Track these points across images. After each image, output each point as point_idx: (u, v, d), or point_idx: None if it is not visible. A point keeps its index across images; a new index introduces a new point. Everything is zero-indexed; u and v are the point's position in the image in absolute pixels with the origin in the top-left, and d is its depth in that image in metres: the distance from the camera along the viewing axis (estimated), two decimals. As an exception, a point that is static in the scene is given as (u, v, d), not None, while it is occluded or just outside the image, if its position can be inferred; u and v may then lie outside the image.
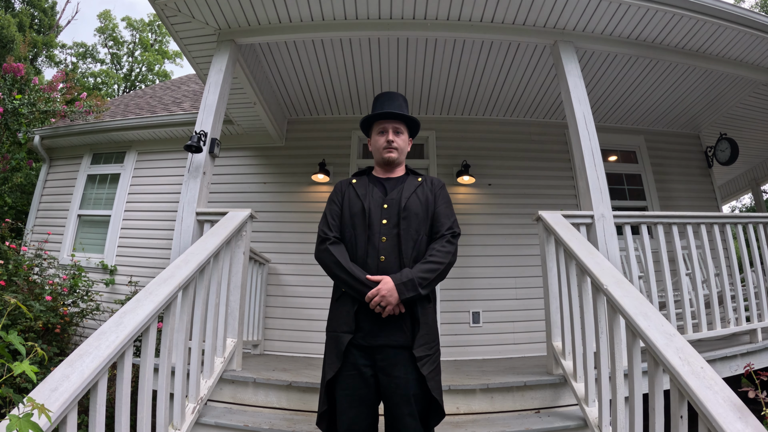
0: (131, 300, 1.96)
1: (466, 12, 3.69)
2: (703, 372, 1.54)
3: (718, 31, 3.92)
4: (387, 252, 1.82)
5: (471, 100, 5.52)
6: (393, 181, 2.03)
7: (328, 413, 1.80)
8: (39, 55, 19.04)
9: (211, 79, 3.68)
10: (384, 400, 1.76)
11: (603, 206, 3.23)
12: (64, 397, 1.43)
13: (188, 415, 2.25)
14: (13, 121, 6.83)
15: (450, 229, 1.90)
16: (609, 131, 5.99)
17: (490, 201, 5.45)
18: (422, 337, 1.75)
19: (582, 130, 3.46)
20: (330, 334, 1.85)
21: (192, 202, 3.27)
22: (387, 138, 2.02)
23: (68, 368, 1.56)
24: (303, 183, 5.54)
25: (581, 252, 2.43)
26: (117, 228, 5.98)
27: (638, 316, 1.85)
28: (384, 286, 1.72)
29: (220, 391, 2.69)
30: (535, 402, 2.65)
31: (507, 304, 5.01)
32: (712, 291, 3.28)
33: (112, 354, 1.66)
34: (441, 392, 1.77)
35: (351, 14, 3.71)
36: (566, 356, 2.73)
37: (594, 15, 3.70)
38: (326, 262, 1.87)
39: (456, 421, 2.46)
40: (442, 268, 1.80)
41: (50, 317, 3.98)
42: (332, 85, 5.16)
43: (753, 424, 1.33)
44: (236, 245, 3.00)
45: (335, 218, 1.95)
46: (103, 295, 5.43)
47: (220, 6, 3.61)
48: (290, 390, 2.63)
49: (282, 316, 4.97)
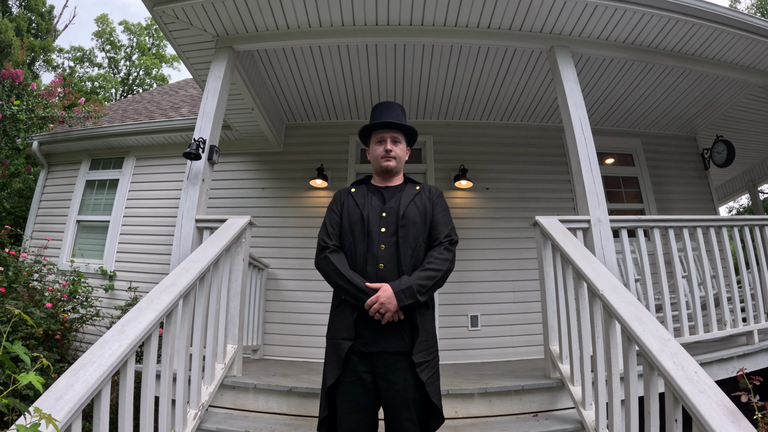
0: (133, 308, 1.97)
1: (462, 18, 3.72)
2: (697, 377, 1.56)
3: (713, 34, 3.95)
4: (386, 260, 1.84)
5: (468, 105, 5.54)
6: (391, 190, 2.06)
7: (329, 419, 1.82)
8: (36, 60, 19.03)
9: (210, 86, 3.70)
10: (384, 406, 1.78)
11: (599, 211, 3.26)
12: (69, 406, 1.44)
13: (190, 421, 2.27)
14: (12, 127, 6.85)
15: (448, 236, 1.93)
16: (606, 134, 6.03)
17: (487, 205, 5.47)
18: (421, 344, 1.77)
19: (578, 134, 3.49)
20: (330, 341, 1.87)
21: (191, 209, 3.29)
22: (385, 147, 2.05)
23: (72, 377, 1.58)
24: (301, 188, 5.55)
25: (577, 257, 2.45)
26: (116, 233, 5.99)
27: (633, 322, 1.87)
28: (383, 294, 1.74)
29: (221, 397, 2.71)
30: (533, 405, 2.67)
31: (505, 307, 5.03)
32: (708, 293, 3.30)
33: (115, 363, 1.67)
34: (440, 398, 1.79)
35: (348, 21, 3.74)
36: (563, 360, 2.75)
37: (590, 20, 3.73)
38: (326, 270, 1.89)
39: (455, 425, 2.49)
40: (440, 275, 1.82)
41: (50, 324, 4.00)
42: (330, 90, 5.18)
43: (746, 428, 1.34)
44: (236, 252, 3.02)
45: (335, 227, 1.98)
46: (103, 300, 5.44)
47: (218, 13, 3.63)
48: (290, 395, 2.65)
49: (281, 321, 4.98)
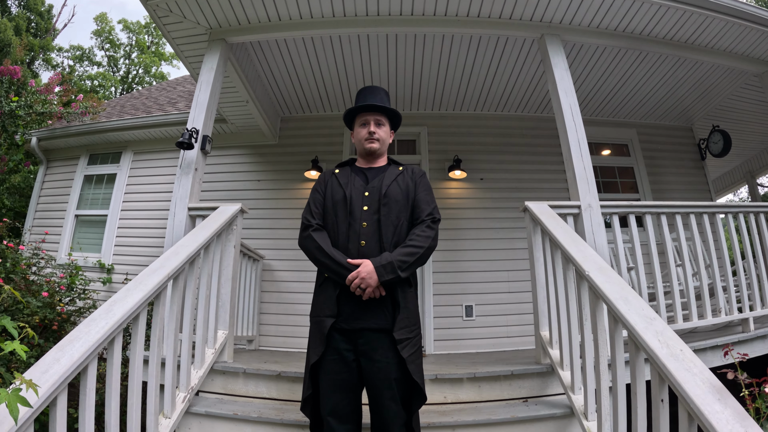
0: (121, 289, 1.99)
1: (452, 7, 3.73)
2: (683, 354, 1.52)
3: (706, 21, 3.93)
4: (367, 237, 1.86)
5: (462, 96, 5.54)
6: (375, 171, 2.08)
7: (312, 398, 1.84)
8: (36, 59, 19.08)
9: (203, 77, 3.72)
10: (366, 385, 1.80)
11: (590, 196, 3.26)
12: (54, 378, 1.48)
13: (179, 404, 2.29)
14: (11, 123, 6.88)
15: (430, 214, 1.95)
16: (601, 124, 6.02)
17: (482, 195, 5.48)
18: (402, 321, 1.79)
19: (569, 121, 3.49)
20: (313, 319, 1.90)
21: (184, 197, 3.31)
22: (369, 129, 2.08)
23: (59, 352, 1.60)
24: (296, 180, 5.57)
25: (565, 240, 2.46)
26: (114, 227, 6.02)
27: (618, 301, 1.87)
28: (364, 269, 1.76)
29: (211, 382, 2.73)
30: (522, 391, 2.67)
31: (500, 297, 5.03)
32: (702, 281, 3.28)
33: (102, 339, 1.70)
34: (422, 375, 1.81)
35: (339, 11, 3.74)
36: (553, 345, 2.76)
37: (580, 7, 3.72)
38: (309, 248, 1.92)
39: (443, 410, 2.49)
40: (422, 251, 1.84)
41: (47, 313, 4.02)
42: (324, 82, 5.19)
43: (732, 405, 1.30)
44: (227, 239, 3.04)
45: (318, 206, 2.01)
46: (101, 293, 5.47)
47: (210, 5, 3.65)
48: (279, 380, 2.66)
49: (277, 312, 5.01)
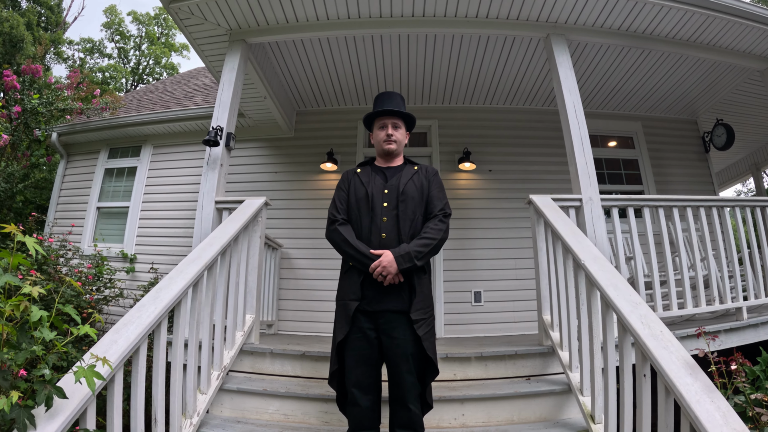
0: (164, 278, 2.23)
1: (462, 9, 3.90)
2: (662, 335, 1.75)
3: (707, 21, 4.05)
4: (387, 230, 2.11)
5: (471, 90, 5.72)
6: (393, 170, 2.32)
7: (339, 372, 2.09)
8: (47, 52, 19.34)
9: (225, 77, 3.93)
10: (386, 359, 2.05)
11: (591, 190, 3.45)
12: (113, 358, 1.66)
13: (213, 381, 2.54)
14: (32, 120, 7.14)
15: (442, 210, 2.19)
16: (606, 117, 6.16)
17: (490, 186, 5.68)
18: (418, 303, 2.04)
19: (572, 118, 3.67)
20: (339, 303, 2.15)
21: (211, 191, 3.55)
22: (387, 132, 2.31)
23: (115, 335, 1.81)
24: (312, 171, 5.80)
25: (565, 232, 2.67)
26: (135, 218, 6.29)
27: (609, 287, 2.08)
28: (385, 259, 2.00)
29: (240, 362, 2.99)
30: (525, 369, 2.91)
31: (507, 284, 5.25)
32: (697, 270, 3.45)
33: (152, 323, 1.93)
34: (435, 351, 2.05)
35: (354, 14, 3.94)
36: (554, 328, 2.98)
37: (585, 8, 3.87)
38: (335, 240, 2.17)
39: (452, 386, 2.74)
40: (435, 243, 2.09)
41: (80, 302, 4.30)
42: (338, 78, 5.39)
43: (701, 379, 1.53)
44: (253, 230, 3.28)
45: (342, 202, 2.25)
46: (125, 282, 5.76)
47: (231, 9, 3.85)
48: (303, 359, 2.91)
49: (294, 298, 5.28)
